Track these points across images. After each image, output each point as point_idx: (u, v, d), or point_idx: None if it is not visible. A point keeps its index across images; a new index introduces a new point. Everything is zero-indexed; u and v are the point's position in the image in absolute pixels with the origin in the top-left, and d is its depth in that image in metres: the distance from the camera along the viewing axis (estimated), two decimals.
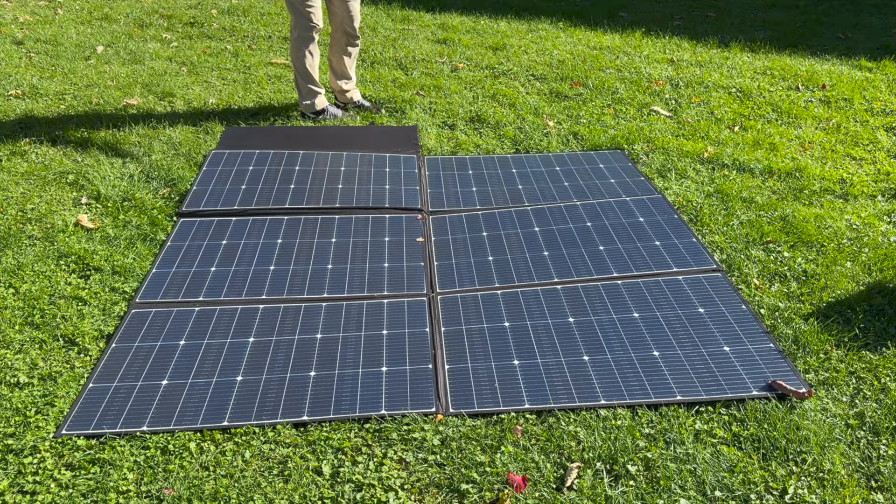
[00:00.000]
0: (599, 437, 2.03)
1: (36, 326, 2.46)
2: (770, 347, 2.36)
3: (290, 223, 3.13)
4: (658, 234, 3.02)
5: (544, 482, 1.90)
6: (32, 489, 1.86)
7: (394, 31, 6.01)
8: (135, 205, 3.22)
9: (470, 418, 2.11)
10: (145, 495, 1.86)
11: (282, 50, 5.48)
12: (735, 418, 2.11)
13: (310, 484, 1.89)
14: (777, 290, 2.69)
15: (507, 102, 4.49)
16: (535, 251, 2.94)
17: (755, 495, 1.87)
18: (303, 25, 3.88)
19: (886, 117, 4.34)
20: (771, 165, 3.66)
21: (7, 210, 3.13)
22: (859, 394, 2.21)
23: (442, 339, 2.44)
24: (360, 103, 4.33)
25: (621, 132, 4.06)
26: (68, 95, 4.40)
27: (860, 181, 3.53)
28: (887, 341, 2.43)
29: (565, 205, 3.30)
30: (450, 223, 3.18)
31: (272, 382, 2.23)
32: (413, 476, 1.93)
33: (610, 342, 2.40)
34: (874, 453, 2.00)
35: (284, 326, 2.49)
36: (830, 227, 3.09)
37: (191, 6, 6.57)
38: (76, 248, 2.86)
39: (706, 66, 5.24)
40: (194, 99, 4.42)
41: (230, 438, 2.04)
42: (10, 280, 2.68)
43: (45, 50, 5.20)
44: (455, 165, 3.68)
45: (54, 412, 2.11)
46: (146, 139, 3.83)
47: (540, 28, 6.25)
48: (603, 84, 4.83)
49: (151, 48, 5.35)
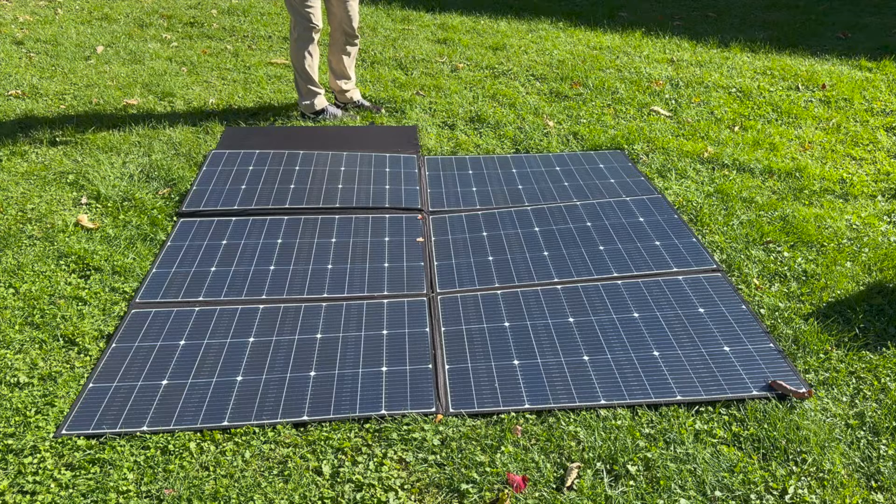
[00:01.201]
0: (599, 437, 2.03)
1: (36, 326, 2.46)
2: (770, 347, 2.36)
3: (290, 223, 3.13)
4: (658, 234, 3.02)
5: (544, 482, 1.90)
6: (32, 489, 1.86)
7: (394, 31, 6.01)
8: (135, 205, 3.22)
9: (470, 418, 2.11)
10: (145, 495, 1.86)
11: (282, 50, 5.48)
12: (735, 418, 2.11)
13: (310, 484, 1.89)
14: (777, 290, 2.69)
15: (507, 102, 4.49)
16: (535, 251, 2.94)
17: (755, 495, 1.87)
18: (302, 26, 3.88)
19: (886, 117, 4.34)
20: (771, 165, 3.66)
21: (7, 210, 3.13)
22: (859, 394, 2.21)
23: (442, 339, 2.44)
24: (360, 103, 4.33)
25: (621, 132, 4.06)
26: (68, 95, 4.40)
27: (860, 181, 3.53)
28: (887, 341, 2.43)
29: (565, 205, 3.30)
30: (450, 223, 3.18)
31: (272, 382, 2.23)
32: (413, 476, 1.93)
33: (610, 342, 2.40)
34: (874, 453, 2.00)
35: (284, 326, 2.49)
36: (830, 227, 3.09)
37: (191, 6, 6.57)
38: (76, 248, 2.86)
39: (706, 66, 5.24)
40: (194, 99, 4.42)
41: (230, 438, 2.04)
42: (10, 280, 2.68)
43: (45, 50, 5.20)
44: (455, 165, 3.68)
45: (54, 412, 2.11)
46: (146, 139, 3.83)
47: (540, 28, 6.25)
48: (603, 84, 4.83)
49: (151, 48, 5.35)
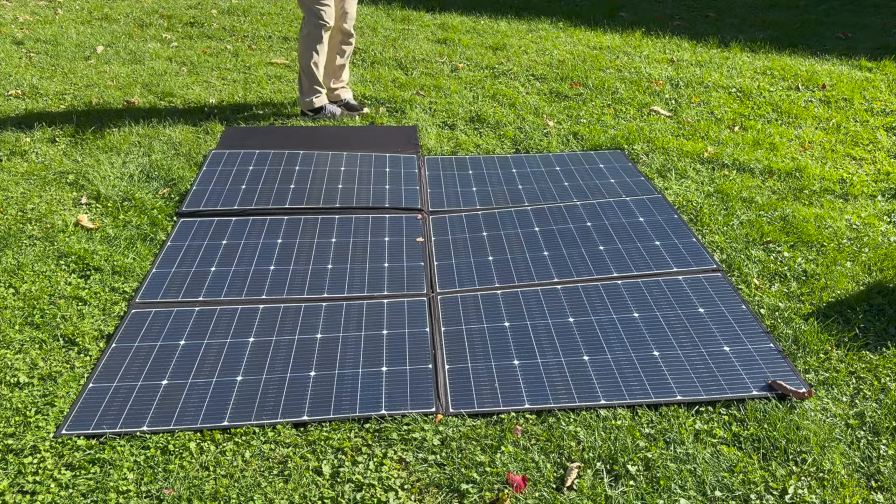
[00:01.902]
0: (599, 436, 2.03)
1: (36, 326, 2.46)
2: (770, 347, 2.36)
3: (290, 223, 3.13)
4: (658, 233, 3.02)
5: (544, 482, 1.90)
6: (32, 489, 1.86)
7: (394, 31, 6.01)
8: (135, 205, 3.22)
9: (470, 418, 2.11)
10: (145, 495, 1.86)
11: (282, 50, 5.48)
12: (735, 418, 2.11)
13: (310, 484, 1.89)
14: (777, 290, 2.69)
15: (507, 102, 4.49)
16: (535, 251, 2.94)
17: (755, 495, 1.87)
18: (313, 23, 3.88)
19: (886, 117, 4.34)
20: (771, 165, 3.66)
21: (7, 210, 3.13)
22: (859, 394, 2.21)
23: (442, 339, 2.44)
24: (348, 102, 4.31)
25: (621, 132, 4.06)
26: (68, 95, 4.40)
27: (860, 181, 3.53)
28: (887, 341, 2.43)
29: (565, 205, 3.30)
30: (450, 223, 3.18)
31: (272, 382, 2.23)
32: (413, 476, 1.93)
33: (610, 342, 2.40)
34: (874, 453, 2.00)
35: (284, 326, 2.49)
36: (830, 227, 3.09)
37: (191, 6, 6.57)
38: (76, 248, 2.86)
39: (706, 66, 5.24)
40: (194, 99, 4.42)
41: (230, 438, 2.04)
42: (10, 280, 2.68)
43: (45, 50, 5.20)
44: (455, 165, 3.68)
45: (54, 412, 2.11)
46: (146, 139, 3.83)
47: (540, 28, 6.25)
48: (603, 84, 4.83)
49: (151, 48, 5.35)
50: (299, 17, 6.32)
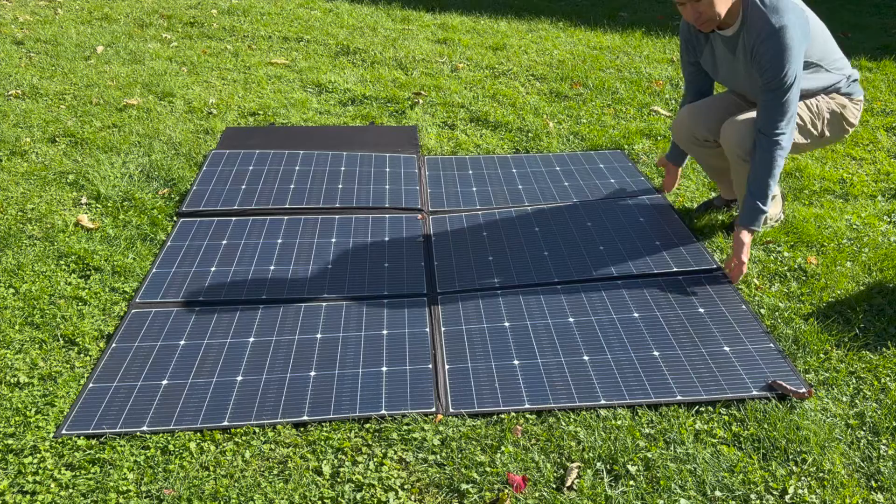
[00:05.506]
0: (599, 437, 2.03)
1: (36, 326, 2.46)
2: (770, 347, 2.36)
3: (290, 223, 3.13)
4: (658, 233, 3.02)
5: (544, 482, 1.90)
6: (32, 489, 1.86)
7: (394, 31, 6.01)
8: (135, 205, 3.22)
9: (470, 418, 2.11)
10: (145, 495, 1.86)
11: (282, 50, 5.48)
12: (735, 418, 2.11)
13: (310, 484, 1.89)
14: (777, 290, 2.69)
15: (507, 102, 4.49)
16: (535, 251, 2.94)
17: (755, 495, 1.87)
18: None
19: (886, 117, 4.34)
20: None
21: (7, 210, 3.13)
22: (859, 394, 2.21)
23: (442, 339, 2.44)
24: None
25: (621, 132, 4.06)
26: (68, 95, 4.40)
27: (860, 181, 3.53)
28: (887, 341, 2.43)
29: (565, 205, 3.30)
30: (450, 223, 3.18)
31: (272, 382, 2.23)
32: (413, 476, 1.93)
33: (610, 342, 2.40)
34: (874, 453, 2.00)
35: (284, 326, 2.49)
36: (830, 227, 3.09)
37: (191, 6, 6.57)
38: (76, 248, 2.86)
39: None
40: (194, 99, 4.42)
41: (230, 438, 2.04)
42: (10, 280, 2.68)
43: (45, 50, 5.20)
44: (455, 165, 3.68)
45: (54, 412, 2.11)
46: (146, 139, 3.83)
47: (540, 28, 6.25)
48: (603, 84, 4.83)
49: (151, 48, 5.35)
50: (299, 16, 6.32)
